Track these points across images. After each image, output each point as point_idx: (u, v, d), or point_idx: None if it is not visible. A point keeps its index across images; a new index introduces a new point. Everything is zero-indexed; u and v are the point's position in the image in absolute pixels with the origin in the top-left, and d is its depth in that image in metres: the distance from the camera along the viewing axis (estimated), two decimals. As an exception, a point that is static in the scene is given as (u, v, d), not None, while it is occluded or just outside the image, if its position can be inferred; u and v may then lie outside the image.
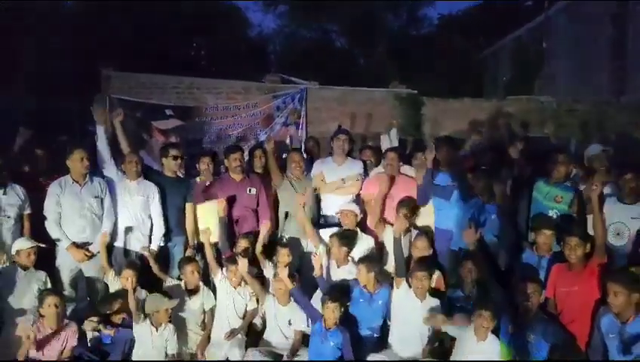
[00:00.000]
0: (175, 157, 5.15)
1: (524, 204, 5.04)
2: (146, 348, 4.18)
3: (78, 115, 10.38)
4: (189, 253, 5.06)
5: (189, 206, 5.17)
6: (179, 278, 4.77)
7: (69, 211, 4.68)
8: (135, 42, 13.44)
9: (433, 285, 4.47)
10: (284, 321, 4.50)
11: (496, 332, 3.89)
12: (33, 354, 3.95)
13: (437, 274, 4.55)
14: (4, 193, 4.69)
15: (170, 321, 4.29)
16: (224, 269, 4.76)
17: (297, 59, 19.16)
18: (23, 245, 4.43)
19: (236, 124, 9.31)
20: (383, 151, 5.61)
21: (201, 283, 4.73)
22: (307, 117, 9.56)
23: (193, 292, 4.68)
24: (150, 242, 4.99)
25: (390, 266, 4.68)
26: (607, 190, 4.60)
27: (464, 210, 4.82)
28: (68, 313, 4.35)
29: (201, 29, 17.44)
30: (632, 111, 10.13)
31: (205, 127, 9.18)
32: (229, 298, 4.66)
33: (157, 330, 4.19)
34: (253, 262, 4.89)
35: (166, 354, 4.19)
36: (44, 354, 3.96)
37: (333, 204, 5.20)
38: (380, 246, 4.99)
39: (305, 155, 5.84)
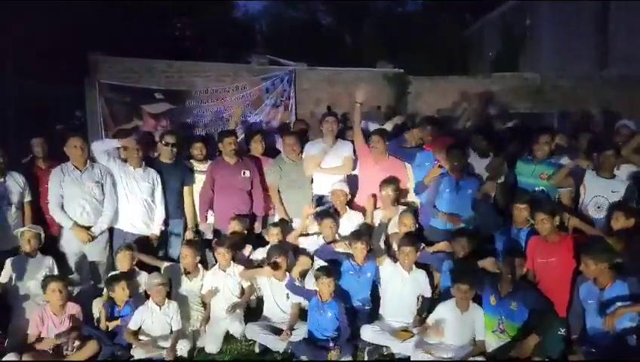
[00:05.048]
0: (169, 145, 5.27)
1: (511, 180, 5.22)
2: (150, 325, 4.36)
3: (65, 100, 10.39)
4: (189, 234, 5.23)
5: (187, 189, 5.33)
6: (178, 260, 4.95)
7: (71, 196, 4.81)
8: (119, 24, 13.26)
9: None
10: (281, 296, 4.70)
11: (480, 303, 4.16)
12: (43, 334, 4.14)
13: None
14: (4, 181, 4.80)
15: (171, 299, 4.49)
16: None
17: (284, 39, 19.05)
18: (22, 231, 4.58)
19: (226, 107, 9.36)
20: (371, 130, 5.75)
21: (199, 266, 4.90)
22: (296, 98, 9.64)
23: (192, 273, 4.85)
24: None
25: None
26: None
27: (439, 188, 4.97)
28: (73, 295, 4.54)
29: (186, 9, 17.23)
30: (615, 85, 10.34)
31: (195, 111, 9.23)
32: (220, 280, 4.83)
33: (160, 309, 4.39)
34: (245, 243, 5.14)
35: (171, 331, 4.38)
36: (53, 335, 4.14)
37: (325, 185, 5.37)
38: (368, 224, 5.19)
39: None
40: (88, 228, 4.83)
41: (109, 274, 4.65)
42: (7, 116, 9.48)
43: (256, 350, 4.40)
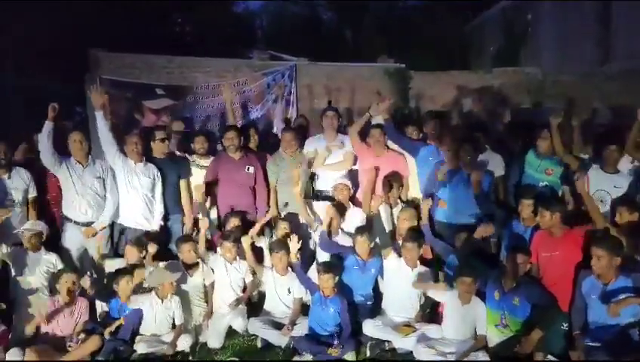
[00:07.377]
0: (162, 140, 5.28)
1: (515, 175, 5.24)
2: (152, 320, 4.37)
3: (65, 96, 10.37)
4: (187, 227, 5.25)
5: (183, 182, 5.34)
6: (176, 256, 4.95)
7: (73, 191, 4.83)
8: (119, 21, 13.25)
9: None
10: (283, 290, 4.72)
11: (482, 297, 4.15)
12: (49, 328, 4.15)
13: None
14: (9, 177, 4.80)
15: (174, 294, 4.47)
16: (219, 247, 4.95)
17: (285, 35, 19.01)
18: (25, 229, 4.58)
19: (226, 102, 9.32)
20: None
21: (199, 260, 4.88)
22: (297, 93, 9.61)
23: (193, 268, 4.84)
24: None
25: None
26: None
27: (449, 182, 4.94)
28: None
29: (186, 6, 17.21)
30: (617, 80, 10.31)
31: (196, 106, 9.21)
32: (225, 273, 4.84)
33: (162, 302, 4.39)
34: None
35: (173, 325, 4.39)
36: (60, 329, 4.17)
37: (327, 180, 5.38)
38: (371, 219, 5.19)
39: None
40: (90, 224, 4.84)
41: (115, 268, 4.65)
42: (9, 114, 9.49)
43: (259, 345, 4.41)
